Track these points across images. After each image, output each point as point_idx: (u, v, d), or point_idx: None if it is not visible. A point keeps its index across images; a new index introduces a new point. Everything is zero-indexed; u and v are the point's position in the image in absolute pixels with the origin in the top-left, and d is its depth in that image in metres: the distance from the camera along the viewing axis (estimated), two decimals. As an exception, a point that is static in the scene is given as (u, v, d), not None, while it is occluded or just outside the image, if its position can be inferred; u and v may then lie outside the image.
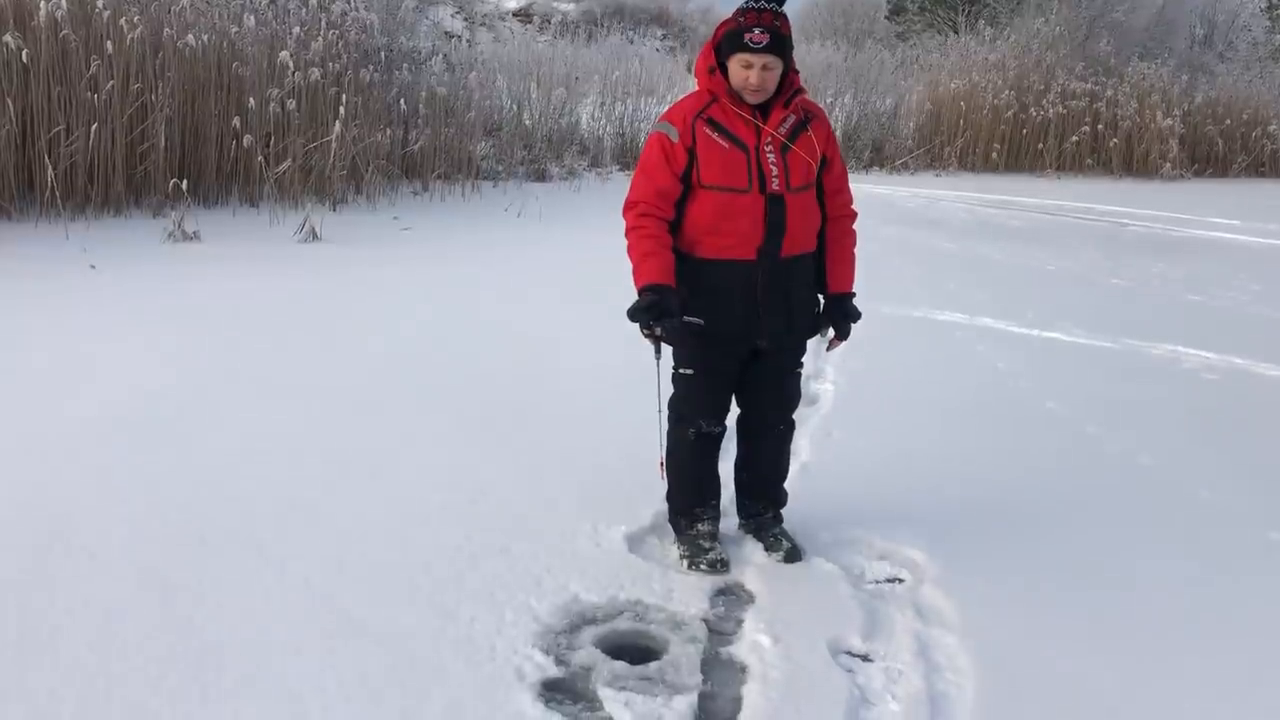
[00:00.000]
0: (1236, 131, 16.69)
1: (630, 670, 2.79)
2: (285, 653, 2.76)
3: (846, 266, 3.36)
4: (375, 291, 6.94)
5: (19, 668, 2.65)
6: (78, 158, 8.35)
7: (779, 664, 2.82)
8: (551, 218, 9.93)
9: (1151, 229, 11.53)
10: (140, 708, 2.51)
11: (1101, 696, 2.76)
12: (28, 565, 3.15)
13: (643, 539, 3.51)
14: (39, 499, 3.60)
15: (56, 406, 4.49)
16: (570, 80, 14.02)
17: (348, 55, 10.29)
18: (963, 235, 10.51)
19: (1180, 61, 17.73)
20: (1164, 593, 3.33)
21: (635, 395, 3.67)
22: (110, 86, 8.38)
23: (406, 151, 11.00)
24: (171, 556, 3.24)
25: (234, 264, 7.40)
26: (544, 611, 3.02)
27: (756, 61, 3.07)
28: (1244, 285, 8.41)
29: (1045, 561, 3.48)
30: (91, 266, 7.00)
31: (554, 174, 12.77)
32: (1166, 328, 6.76)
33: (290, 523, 3.51)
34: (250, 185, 9.45)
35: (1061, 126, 15.83)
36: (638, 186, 3.19)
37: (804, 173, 3.18)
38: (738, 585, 3.28)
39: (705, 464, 3.44)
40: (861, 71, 17.28)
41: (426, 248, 8.41)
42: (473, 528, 3.51)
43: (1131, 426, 4.87)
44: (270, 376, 5.03)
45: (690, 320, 3.18)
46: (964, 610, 3.12)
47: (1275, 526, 3.84)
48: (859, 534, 3.59)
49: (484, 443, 4.28)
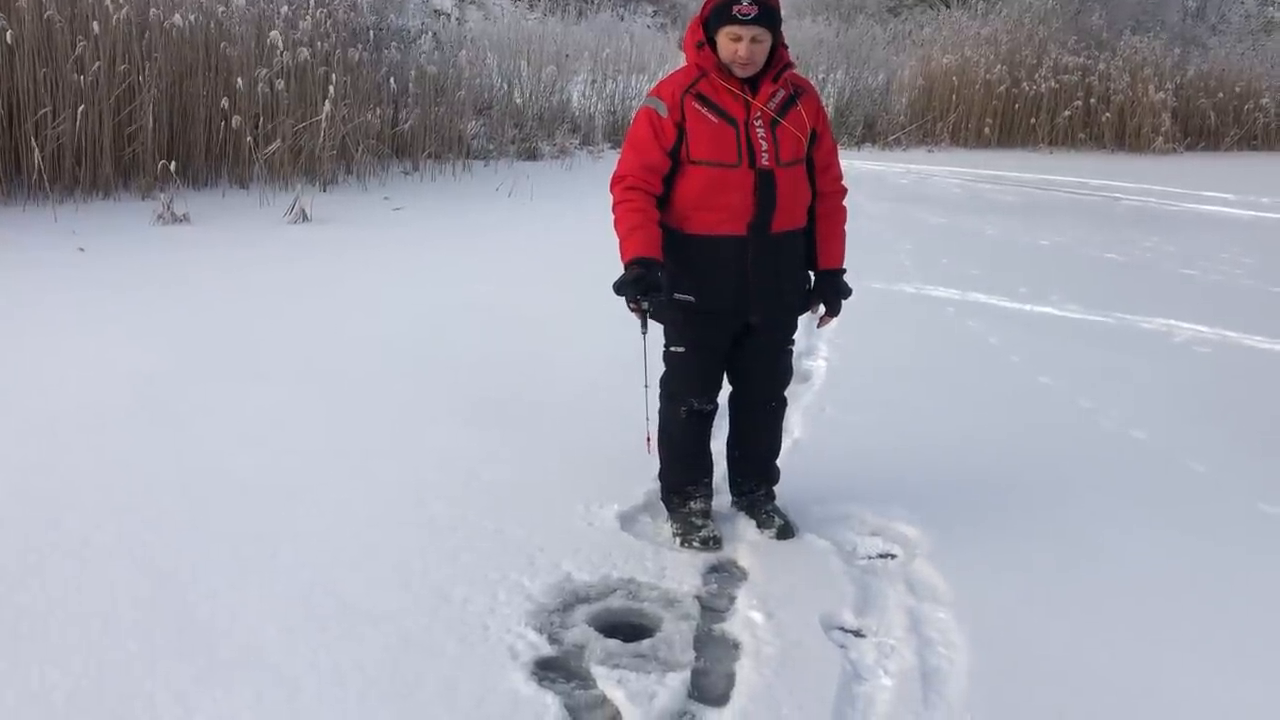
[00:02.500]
0: (1229, 105, 16.62)
1: (623, 648, 2.80)
2: (279, 635, 2.76)
3: (837, 242, 3.35)
4: (366, 272, 6.91)
5: (12, 652, 2.65)
6: (65, 140, 8.29)
7: (772, 640, 2.83)
8: (543, 197, 9.89)
9: (1144, 203, 11.52)
10: (134, 691, 2.51)
11: (1094, 669, 2.77)
12: (20, 550, 3.14)
13: (635, 517, 3.51)
14: (29, 484, 3.59)
15: (46, 390, 4.48)
16: (561, 58, 13.93)
17: (336, 34, 10.20)
18: (955, 210, 10.49)
19: (1173, 35, 17.64)
20: (1156, 565, 3.34)
21: (627, 374, 3.66)
22: (97, 68, 8.30)
23: (397, 131, 10.93)
24: (164, 540, 3.23)
25: (224, 246, 7.37)
26: (537, 590, 3.03)
27: (745, 34, 3.05)
28: (1236, 258, 8.41)
29: (1038, 535, 3.49)
30: (80, 249, 6.96)
31: (545, 153, 12.70)
32: (1159, 301, 6.76)
33: (282, 505, 3.51)
34: (240, 166, 9.39)
35: (1054, 101, 15.75)
36: (625, 161, 3.18)
37: (794, 147, 3.16)
38: (730, 562, 3.29)
39: (697, 442, 3.44)
40: (853, 47, 17.18)
41: (418, 228, 8.37)
42: (465, 508, 3.51)
43: (1124, 400, 4.87)
44: (261, 359, 5.02)
45: (681, 297, 3.17)
46: (956, 585, 3.13)
47: (1267, 499, 3.85)
48: (851, 510, 3.60)
49: (476, 423, 4.27)
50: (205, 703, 2.48)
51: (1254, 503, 3.82)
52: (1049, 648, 2.86)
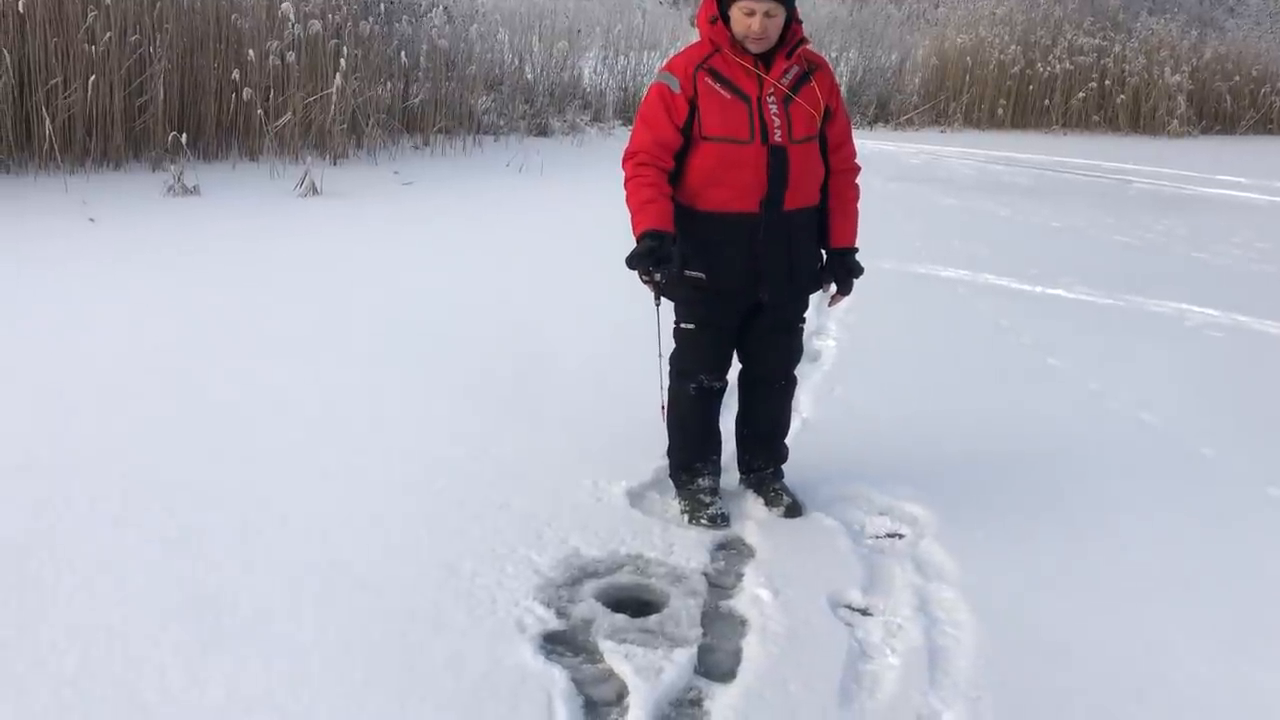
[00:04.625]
0: (1245, 88, 16.50)
1: (630, 623, 2.80)
2: (287, 605, 2.77)
3: (849, 221, 3.33)
4: (376, 246, 6.90)
5: (21, 621, 2.66)
6: (76, 110, 8.27)
7: (779, 618, 2.83)
8: (553, 173, 9.86)
9: (1157, 186, 11.45)
10: (142, 660, 2.53)
11: (1101, 649, 2.77)
12: (30, 518, 3.16)
13: (643, 494, 3.51)
14: (39, 453, 3.61)
15: (56, 360, 4.49)
16: (572, 33, 13.86)
17: (347, 7, 10.16)
18: (967, 191, 10.44)
19: (1189, 17, 17.50)
20: (1164, 548, 3.34)
21: (636, 351, 3.65)
22: (108, 38, 8.28)
23: (407, 105, 10.89)
24: (173, 510, 3.24)
25: (234, 218, 7.36)
26: (545, 565, 3.03)
27: (759, 8, 3.02)
28: (1249, 242, 8.36)
29: (1045, 517, 3.48)
30: (91, 220, 6.97)
31: (556, 128, 12.65)
32: (1170, 285, 6.73)
33: (291, 476, 3.51)
34: (250, 139, 9.37)
35: (1068, 82, 15.65)
36: (637, 136, 3.16)
37: (806, 124, 3.14)
38: (738, 540, 3.29)
39: (706, 419, 3.43)
40: (866, 26, 17.07)
41: (427, 202, 8.36)
42: (474, 482, 3.51)
43: (1134, 383, 4.86)
44: (270, 330, 5.02)
45: (691, 274, 3.16)
46: (963, 565, 3.13)
47: (1277, 483, 3.84)
48: (859, 489, 3.60)
49: (485, 397, 4.28)
50: (213, 671, 2.49)
51: (1263, 487, 3.81)
52: (1056, 628, 2.86)
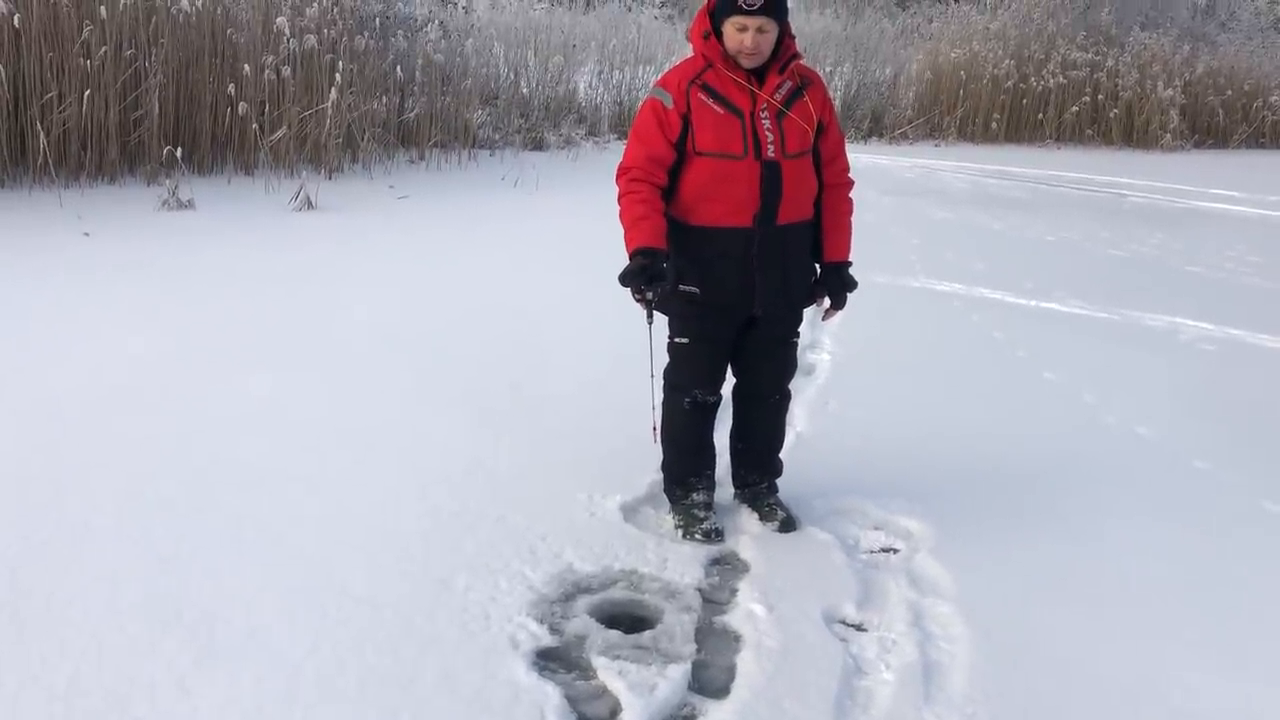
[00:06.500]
0: (1237, 102, 16.56)
1: (624, 639, 2.79)
2: (280, 620, 2.76)
3: (843, 235, 3.34)
4: (371, 260, 6.90)
5: (14, 635, 2.65)
6: (70, 124, 8.28)
7: (773, 633, 2.83)
8: (548, 187, 9.87)
9: (1151, 200, 11.48)
10: (135, 674, 2.51)
11: (1096, 664, 2.77)
12: (22, 532, 3.14)
13: (637, 509, 3.51)
14: (32, 467, 3.59)
15: (50, 373, 4.48)
16: (568, 48, 13.90)
17: (343, 21, 10.18)
18: (961, 205, 10.46)
19: (1182, 31, 17.56)
20: (1161, 562, 3.33)
21: (631, 366, 3.65)
22: (103, 53, 8.28)
23: (403, 120, 10.92)
24: (165, 523, 3.23)
25: (229, 232, 7.36)
26: (538, 580, 3.02)
27: (751, 24, 3.03)
28: (1243, 256, 8.38)
29: (1040, 530, 3.48)
30: (86, 234, 6.96)
31: (551, 143, 12.67)
32: (1165, 298, 6.74)
33: (285, 491, 3.50)
34: (245, 153, 9.37)
35: (1061, 97, 15.71)
36: (631, 152, 3.17)
37: (800, 139, 3.15)
38: (732, 555, 3.28)
39: (700, 434, 3.43)
40: (861, 40, 17.14)
41: (423, 217, 8.36)
42: (468, 497, 3.50)
43: (1128, 397, 4.86)
44: (264, 345, 5.01)
45: (685, 289, 3.16)
46: (958, 580, 3.12)
47: (1271, 496, 3.84)
48: (854, 504, 3.59)
49: (479, 412, 4.27)
50: (205, 687, 2.48)
51: (1257, 500, 3.81)
52: (1051, 643, 2.85)
